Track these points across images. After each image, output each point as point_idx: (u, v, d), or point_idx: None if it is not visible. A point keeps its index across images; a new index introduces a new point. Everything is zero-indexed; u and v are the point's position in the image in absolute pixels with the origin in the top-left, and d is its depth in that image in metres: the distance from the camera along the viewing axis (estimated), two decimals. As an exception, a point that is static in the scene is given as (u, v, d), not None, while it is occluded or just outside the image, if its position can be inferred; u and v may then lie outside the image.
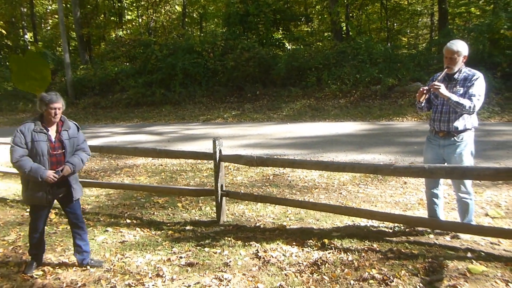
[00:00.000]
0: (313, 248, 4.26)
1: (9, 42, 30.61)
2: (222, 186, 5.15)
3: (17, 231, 5.30)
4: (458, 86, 4.03)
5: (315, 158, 8.08)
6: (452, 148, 4.10)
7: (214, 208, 5.41)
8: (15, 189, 7.42)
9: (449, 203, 5.33)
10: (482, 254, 3.87)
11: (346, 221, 4.98)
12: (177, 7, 29.39)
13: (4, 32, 28.04)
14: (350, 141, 10.11)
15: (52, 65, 23.20)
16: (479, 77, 4.01)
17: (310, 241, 4.41)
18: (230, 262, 4.07)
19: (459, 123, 4.04)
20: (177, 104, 18.98)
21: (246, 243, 4.48)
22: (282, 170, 7.62)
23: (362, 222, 4.91)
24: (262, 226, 5.06)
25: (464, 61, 4.05)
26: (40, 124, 4.01)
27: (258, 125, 14.11)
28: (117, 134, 13.50)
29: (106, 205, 6.27)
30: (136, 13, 29.93)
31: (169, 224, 5.34)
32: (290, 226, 4.99)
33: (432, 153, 4.27)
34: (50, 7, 33.26)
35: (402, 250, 4.04)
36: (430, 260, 3.79)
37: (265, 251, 4.24)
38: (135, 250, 4.55)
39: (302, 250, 4.24)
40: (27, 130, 3.94)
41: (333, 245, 4.26)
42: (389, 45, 20.68)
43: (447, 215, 4.89)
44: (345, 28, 21.94)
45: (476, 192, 5.73)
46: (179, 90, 19.21)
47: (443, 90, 3.92)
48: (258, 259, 4.10)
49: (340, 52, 18.17)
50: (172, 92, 19.30)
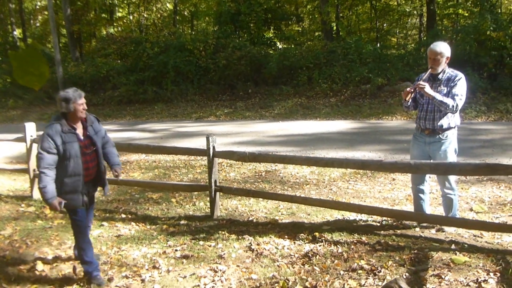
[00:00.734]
0: (304, 241, 4.41)
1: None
2: (216, 181, 5.28)
3: (13, 226, 5.38)
4: (442, 86, 4.21)
5: (307, 155, 8.25)
6: (437, 145, 4.29)
7: (208, 203, 5.54)
8: (9, 185, 7.48)
9: (436, 199, 5.51)
10: (465, 246, 4.03)
11: (336, 215, 5.15)
12: (168, 5, 29.36)
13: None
14: (341, 139, 10.30)
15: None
16: (462, 77, 4.19)
17: (302, 234, 4.56)
18: (224, 254, 4.21)
19: (444, 122, 4.22)
20: (169, 101, 19.03)
21: (239, 237, 4.62)
22: (274, 167, 7.78)
23: (352, 216, 5.08)
24: (255, 220, 5.21)
25: (447, 62, 4.23)
26: (66, 123, 3.73)
27: (250, 123, 14.25)
28: (109, 132, 13.27)
29: (101, 200, 6.36)
30: (127, 10, 29.82)
31: (163, 218, 5.46)
32: (282, 220, 5.14)
33: (418, 150, 4.45)
34: (39, 3, 33.02)
35: (390, 243, 4.20)
36: (416, 251, 3.95)
37: (258, 244, 4.39)
38: (131, 244, 4.66)
39: (294, 243, 4.39)
40: (55, 132, 3.64)
41: (323, 238, 4.42)
42: (378, 45, 20.90)
43: (434, 210, 5.06)
44: (335, 28, 22.12)
45: (461, 188, 5.94)
46: (171, 88, 19.26)
47: (428, 89, 4.10)
48: (251, 252, 4.25)
49: (330, 51, 18.34)
50: (164, 89, 19.33)
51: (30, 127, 6.48)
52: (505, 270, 3.50)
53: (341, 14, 23.35)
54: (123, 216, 5.62)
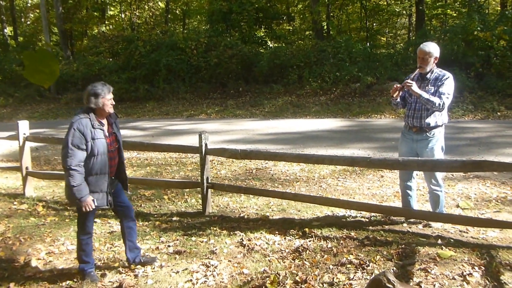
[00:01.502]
0: (294, 236, 4.50)
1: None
2: (207, 178, 5.35)
3: (5, 223, 5.40)
4: (430, 85, 4.32)
5: (297, 152, 8.33)
6: (424, 142, 4.40)
7: (200, 200, 5.61)
8: (1, 183, 7.47)
9: (423, 195, 5.61)
10: (451, 240, 4.14)
11: (325, 211, 5.25)
12: (160, 3, 29.30)
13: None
14: (330, 137, 10.41)
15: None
16: (449, 77, 4.30)
17: (292, 230, 4.65)
18: (216, 250, 4.28)
19: (431, 120, 4.32)
20: (160, 99, 19.03)
21: (231, 233, 4.69)
22: (265, 164, 7.86)
23: (341, 212, 5.18)
24: (246, 216, 5.29)
25: (435, 62, 4.33)
26: (95, 118, 3.60)
27: (241, 121, 14.32)
28: (100, 130, 13.48)
29: (93, 198, 6.40)
30: (119, 8, 29.71)
31: (156, 215, 5.52)
32: (272, 216, 5.23)
33: (406, 147, 4.56)
34: (31, 1, 32.76)
35: (378, 238, 4.30)
36: (403, 246, 4.05)
37: (249, 240, 4.46)
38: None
39: (285, 238, 4.47)
40: (85, 127, 3.50)
41: (313, 233, 4.51)
42: (368, 44, 21.09)
43: (422, 206, 5.16)
44: (326, 27, 22.27)
45: (448, 185, 6.08)
46: (163, 86, 19.27)
47: (415, 88, 4.20)
48: (242, 247, 4.32)
49: (320, 50, 18.47)
50: (155, 88, 19.34)
51: (23, 125, 6.48)
52: (489, 264, 3.61)
53: (331, 14, 23.52)
54: (116, 213, 5.66)
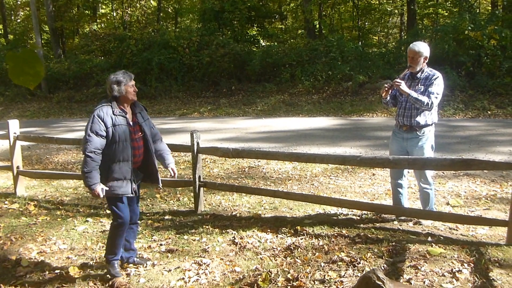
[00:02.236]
0: (286, 234, 4.52)
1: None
2: (200, 177, 5.36)
3: (-4, 222, 5.38)
4: (420, 85, 4.36)
5: (289, 151, 8.36)
6: (414, 141, 4.44)
7: (192, 198, 5.62)
8: (-9, 182, 7.44)
9: (414, 193, 5.66)
10: (441, 238, 4.18)
11: (317, 209, 5.28)
12: (152, 2, 29.19)
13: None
14: (323, 135, 10.45)
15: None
16: (438, 76, 4.34)
17: (284, 228, 4.67)
18: (208, 248, 4.29)
19: (421, 119, 4.36)
20: (153, 98, 18.98)
21: (223, 231, 4.71)
22: (257, 163, 7.88)
23: (332, 210, 5.21)
24: (238, 215, 5.30)
25: (425, 61, 4.37)
26: (117, 106, 3.62)
27: (233, 119, 14.33)
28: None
29: (85, 196, 6.39)
30: (110, 7, 29.54)
31: (148, 214, 5.52)
32: (265, 214, 5.25)
33: (396, 145, 4.60)
34: (21, -1, 32.44)
35: (369, 235, 4.34)
36: (394, 243, 4.08)
37: (241, 238, 4.48)
38: (116, 239, 4.71)
39: (276, 236, 4.50)
40: (106, 114, 3.52)
41: (305, 231, 4.53)
42: (360, 43, 21.19)
43: (412, 204, 5.20)
44: (318, 26, 22.32)
45: (439, 183, 6.14)
46: (155, 85, 19.22)
47: (403, 87, 4.24)
48: (235, 245, 4.34)
49: (313, 49, 18.52)
50: (148, 86, 19.27)
51: (14, 124, 6.45)
52: (478, 261, 3.64)
53: (323, 13, 23.56)
54: (108, 212, 5.63)
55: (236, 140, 10.19)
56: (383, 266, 3.68)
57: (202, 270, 3.87)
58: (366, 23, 25.81)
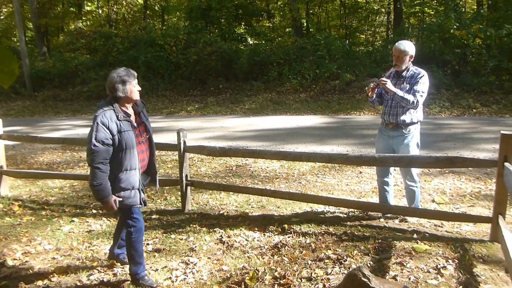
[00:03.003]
0: (274, 233, 4.53)
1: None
2: (187, 176, 5.34)
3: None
4: (405, 83, 4.39)
5: (276, 149, 8.38)
6: (400, 139, 4.48)
7: (179, 197, 5.59)
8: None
9: (400, 191, 5.71)
10: (427, 235, 4.23)
11: (304, 207, 5.29)
12: (138, -1, 29.01)
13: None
14: (310, 133, 10.49)
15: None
16: (424, 75, 4.37)
17: (271, 226, 4.67)
18: (195, 247, 4.28)
19: (406, 117, 4.40)
20: (140, 97, 18.78)
21: (210, 230, 4.70)
22: (245, 161, 7.88)
23: (320, 208, 5.23)
24: (225, 213, 5.30)
25: (410, 60, 4.40)
26: (119, 109, 3.30)
27: (221, 118, 14.31)
28: (78, 127, 13.33)
29: (71, 196, 6.33)
30: (96, 4, 29.24)
31: (135, 213, 5.47)
32: (252, 213, 5.25)
33: (383, 143, 4.63)
34: (4, -5, 31.93)
35: (355, 233, 4.36)
36: (380, 241, 4.11)
37: (228, 237, 4.48)
38: (102, 239, 4.67)
39: (264, 235, 4.50)
40: (110, 120, 3.20)
41: (292, 229, 4.54)
42: (347, 42, 21.30)
43: (399, 202, 5.25)
44: (305, 24, 22.38)
45: (425, 180, 6.20)
46: (142, 83, 18.97)
47: (389, 85, 4.27)
48: (222, 244, 4.33)
49: (300, 47, 18.57)
50: (134, 85, 19.13)
51: (-3, 123, 6.36)
52: (463, 257, 3.69)
53: (311, 11, 23.63)
54: (94, 211, 5.61)
55: (223, 138, 10.18)
56: (369, 263, 3.70)
57: (190, 269, 3.86)
58: (353, 22, 25.94)
